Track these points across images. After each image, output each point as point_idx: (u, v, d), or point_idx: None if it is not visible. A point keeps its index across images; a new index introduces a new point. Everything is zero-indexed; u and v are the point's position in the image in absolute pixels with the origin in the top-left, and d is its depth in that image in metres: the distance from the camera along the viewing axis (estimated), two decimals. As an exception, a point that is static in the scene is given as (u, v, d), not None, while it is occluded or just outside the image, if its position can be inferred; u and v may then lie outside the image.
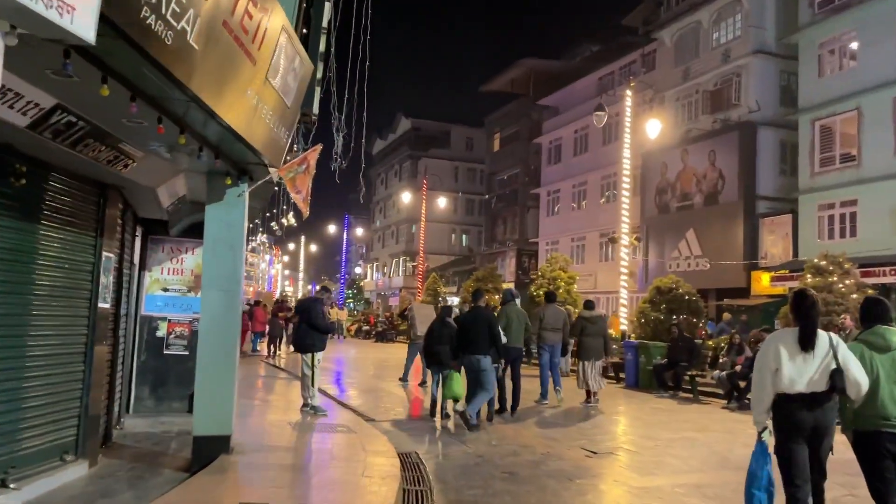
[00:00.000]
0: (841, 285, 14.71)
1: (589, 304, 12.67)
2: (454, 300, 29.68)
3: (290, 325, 19.46)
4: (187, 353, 8.70)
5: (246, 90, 5.01)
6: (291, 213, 25.88)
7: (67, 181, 5.81)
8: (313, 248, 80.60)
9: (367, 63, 8.85)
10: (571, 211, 34.86)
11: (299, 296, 47.98)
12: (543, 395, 11.56)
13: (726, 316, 20.41)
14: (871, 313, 4.56)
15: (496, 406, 10.12)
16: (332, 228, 66.23)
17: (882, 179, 19.61)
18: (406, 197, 41.58)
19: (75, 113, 4.59)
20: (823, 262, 15.32)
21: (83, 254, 6.20)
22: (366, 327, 36.02)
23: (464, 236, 52.58)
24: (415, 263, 45.05)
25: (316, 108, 7.97)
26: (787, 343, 4.38)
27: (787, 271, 20.91)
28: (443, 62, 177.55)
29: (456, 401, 9.32)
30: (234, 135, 5.12)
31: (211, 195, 6.82)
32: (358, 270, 72.67)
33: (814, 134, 22.15)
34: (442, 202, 35.51)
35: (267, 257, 65.93)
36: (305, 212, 7.13)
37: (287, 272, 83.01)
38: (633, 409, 12.00)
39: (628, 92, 18.45)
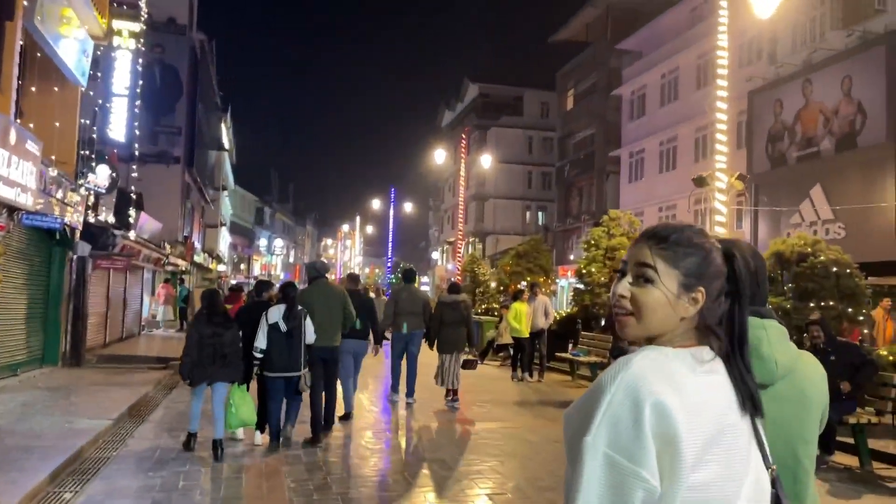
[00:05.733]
0: None
1: (453, 287, 11.06)
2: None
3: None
4: None
5: None
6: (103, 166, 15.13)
7: None
8: (371, 230, 76.68)
9: None
10: (658, 174, 28.49)
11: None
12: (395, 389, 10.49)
13: None
14: None
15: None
16: (376, 204, 61.30)
17: None
18: (472, 171, 36.14)
19: None
20: None
21: None
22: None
23: (540, 213, 46.71)
24: (481, 245, 39.83)
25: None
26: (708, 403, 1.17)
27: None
28: (513, 14, 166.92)
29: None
30: None
31: None
32: (435, 255, 68.26)
33: None
34: (487, 162, 29.48)
35: (331, 241, 62.63)
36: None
37: (363, 259, 79.58)
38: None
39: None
